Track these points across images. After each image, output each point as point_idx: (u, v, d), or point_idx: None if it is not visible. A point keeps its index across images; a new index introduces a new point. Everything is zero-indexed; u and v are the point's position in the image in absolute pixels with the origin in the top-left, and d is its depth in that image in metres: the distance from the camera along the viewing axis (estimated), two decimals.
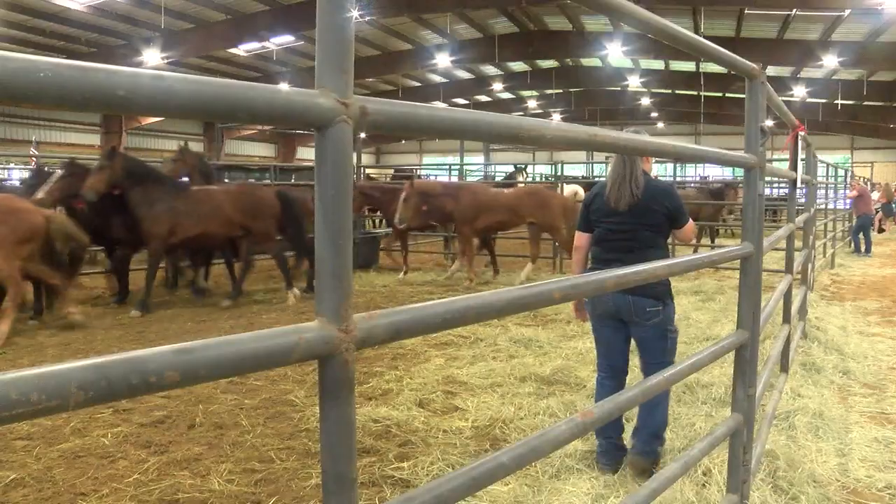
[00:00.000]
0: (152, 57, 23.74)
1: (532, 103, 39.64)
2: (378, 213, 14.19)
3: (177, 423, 4.66)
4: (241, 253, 9.54)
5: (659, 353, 3.92)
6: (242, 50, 27.66)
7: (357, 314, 1.19)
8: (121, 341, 6.99)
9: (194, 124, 38.13)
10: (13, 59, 0.81)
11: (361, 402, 5.01)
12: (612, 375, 4.09)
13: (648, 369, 3.91)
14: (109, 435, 4.39)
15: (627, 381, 4.14)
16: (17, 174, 17.22)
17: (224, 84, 1.04)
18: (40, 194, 8.44)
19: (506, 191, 12.08)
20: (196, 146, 38.21)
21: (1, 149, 29.45)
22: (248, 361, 1.05)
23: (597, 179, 22.65)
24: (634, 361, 4.20)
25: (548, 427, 1.87)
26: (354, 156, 9.47)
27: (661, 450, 4.04)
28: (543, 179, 27.18)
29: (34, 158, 17.59)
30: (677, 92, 36.29)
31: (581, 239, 4.17)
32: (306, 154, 43.05)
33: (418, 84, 36.26)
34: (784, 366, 5.49)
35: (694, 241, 12.99)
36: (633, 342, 4.08)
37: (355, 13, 1.31)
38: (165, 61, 24.18)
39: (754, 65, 3.02)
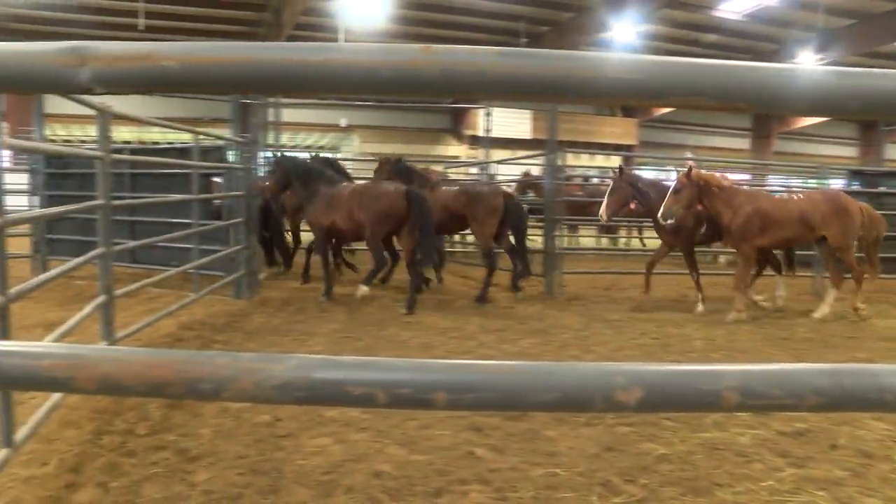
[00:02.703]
0: (806, 59, 23.20)
1: None
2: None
3: (818, 439, 4.46)
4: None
5: None
6: None
7: None
8: (764, 343, 7.07)
9: (849, 128, 36.10)
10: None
11: None
12: None
13: None
14: (747, 435, 4.46)
15: None
16: (674, 176, 18.64)
17: None
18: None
19: (795, 196, 9.07)
20: (849, 151, 36.19)
21: (661, 152, 32.22)
22: None
23: None
24: None
25: None
26: None
27: None
28: None
29: (690, 162, 18.65)
30: None
31: None
32: None
33: None
34: None
35: None
36: None
37: None
38: (821, 62, 23.36)
39: None
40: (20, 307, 6.80)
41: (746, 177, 21.66)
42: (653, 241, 15.03)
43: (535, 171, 17.28)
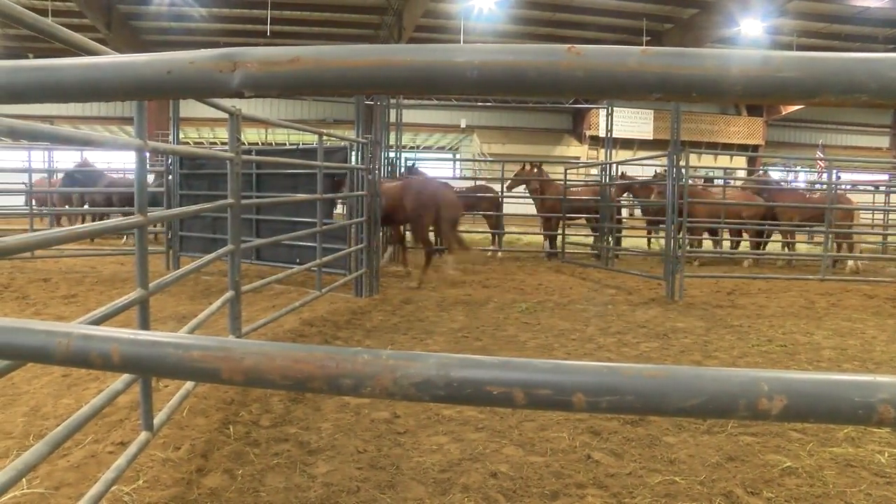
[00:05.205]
0: None
1: None
2: None
3: None
4: None
5: None
6: None
7: None
8: None
9: None
10: None
11: None
12: None
13: None
14: (886, 454, 4.19)
15: None
16: (801, 176, 17.81)
17: None
18: None
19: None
20: None
21: (789, 152, 30.86)
22: None
23: None
24: None
25: None
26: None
27: None
28: None
29: (820, 162, 17.85)
30: None
31: None
32: None
33: None
34: None
35: None
36: None
37: None
38: None
39: None
40: (154, 300, 7.19)
41: (884, 177, 19.93)
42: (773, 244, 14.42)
43: (646, 172, 16.87)
